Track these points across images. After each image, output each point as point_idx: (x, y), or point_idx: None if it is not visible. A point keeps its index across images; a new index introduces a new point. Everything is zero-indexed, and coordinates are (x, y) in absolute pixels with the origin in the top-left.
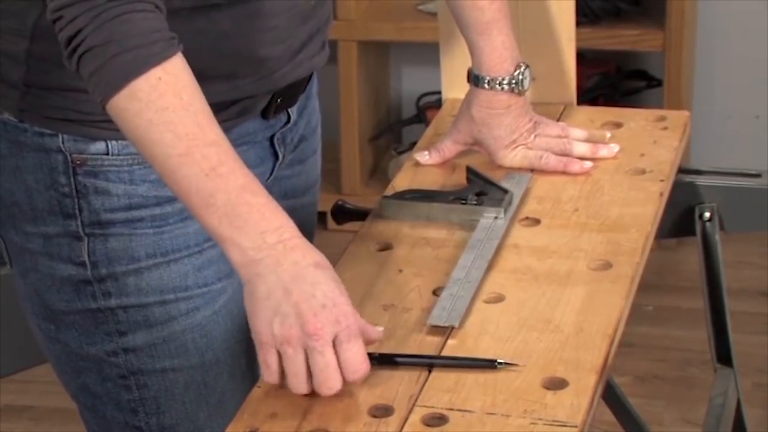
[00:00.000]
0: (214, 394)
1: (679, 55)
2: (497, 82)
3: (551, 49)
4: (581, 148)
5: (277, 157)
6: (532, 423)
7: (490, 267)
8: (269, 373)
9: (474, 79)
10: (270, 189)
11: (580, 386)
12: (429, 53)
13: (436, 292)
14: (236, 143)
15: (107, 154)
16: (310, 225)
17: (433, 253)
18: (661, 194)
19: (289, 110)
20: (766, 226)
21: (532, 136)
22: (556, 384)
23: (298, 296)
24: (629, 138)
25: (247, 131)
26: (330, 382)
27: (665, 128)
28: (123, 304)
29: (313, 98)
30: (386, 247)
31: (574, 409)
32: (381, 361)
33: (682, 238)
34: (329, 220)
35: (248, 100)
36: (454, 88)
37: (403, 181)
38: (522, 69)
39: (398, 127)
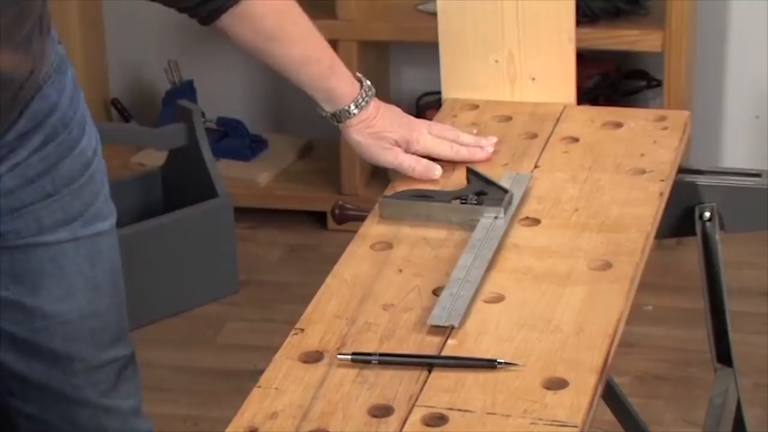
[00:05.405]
0: None
1: (679, 55)
2: (359, 101)
3: (551, 49)
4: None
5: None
6: (532, 423)
7: (490, 267)
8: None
9: (343, 115)
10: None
11: (580, 386)
12: (429, 53)
13: (436, 292)
14: None
15: None
16: None
17: (433, 253)
18: (661, 194)
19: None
20: (766, 226)
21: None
22: (556, 384)
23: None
24: (629, 138)
25: None
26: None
27: (665, 128)
28: None
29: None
30: (386, 247)
31: (574, 409)
32: (381, 361)
33: (682, 238)
34: (329, 220)
35: None
36: (453, 88)
37: (403, 181)
38: (359, 76)
39: None
